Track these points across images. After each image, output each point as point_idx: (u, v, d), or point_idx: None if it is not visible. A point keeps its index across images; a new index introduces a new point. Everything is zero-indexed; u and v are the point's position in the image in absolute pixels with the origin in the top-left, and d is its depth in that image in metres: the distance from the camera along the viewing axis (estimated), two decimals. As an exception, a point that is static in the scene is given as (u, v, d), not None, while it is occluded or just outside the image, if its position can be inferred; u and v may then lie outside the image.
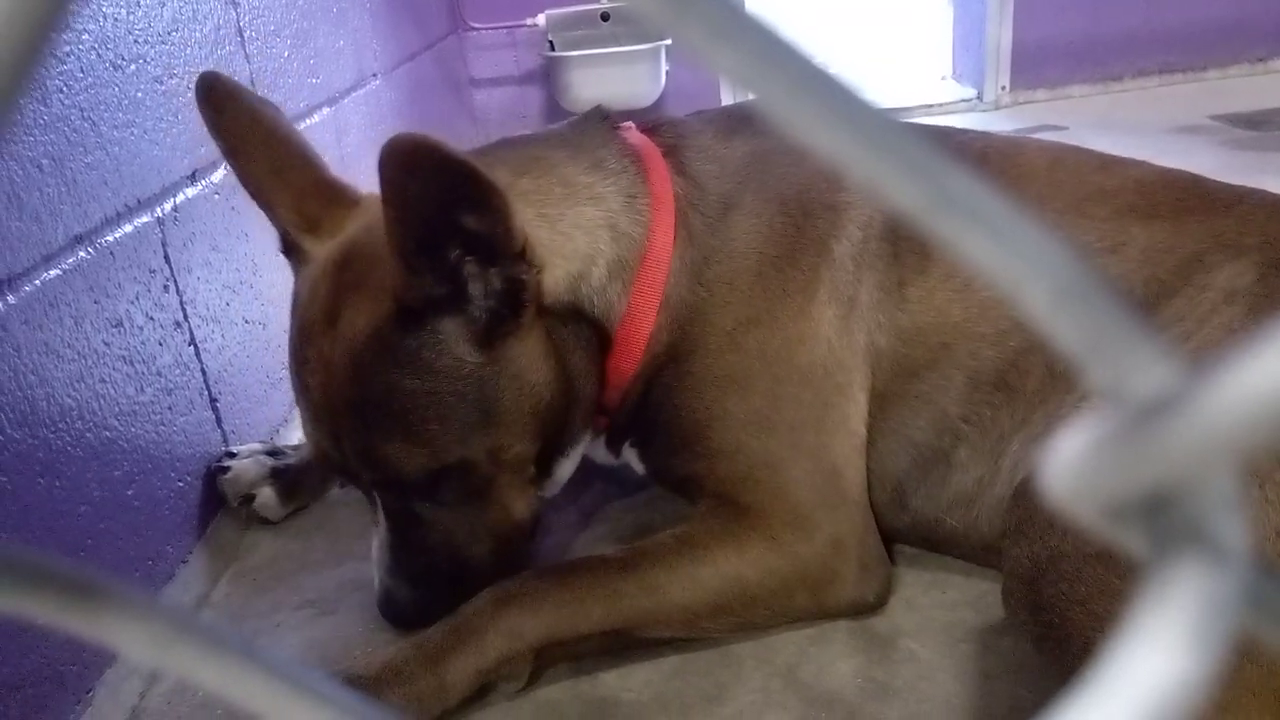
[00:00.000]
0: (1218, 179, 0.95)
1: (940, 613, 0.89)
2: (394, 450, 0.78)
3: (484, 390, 0.78)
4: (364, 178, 1.77)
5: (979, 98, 3.01)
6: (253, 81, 1.27)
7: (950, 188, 0.12)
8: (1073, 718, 0.13)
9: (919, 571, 0.94)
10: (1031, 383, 0.85)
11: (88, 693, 0.82)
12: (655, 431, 0.93)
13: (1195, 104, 2.74)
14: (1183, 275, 0.83)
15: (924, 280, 0.90)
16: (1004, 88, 3.00)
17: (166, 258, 1.00)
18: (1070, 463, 0.13)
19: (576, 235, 0.86)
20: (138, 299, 0.94)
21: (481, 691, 0.82)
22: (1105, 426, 0.13)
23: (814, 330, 0.89)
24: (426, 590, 0.85)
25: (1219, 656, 0.13)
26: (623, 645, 0.85)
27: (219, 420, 1.10)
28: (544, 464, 0.88)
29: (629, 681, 0.84)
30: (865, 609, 0.88)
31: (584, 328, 0.87)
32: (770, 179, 0.92)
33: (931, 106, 3.00)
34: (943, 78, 3.26)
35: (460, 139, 3.01)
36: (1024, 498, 0.75)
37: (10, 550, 0.15)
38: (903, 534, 0.95)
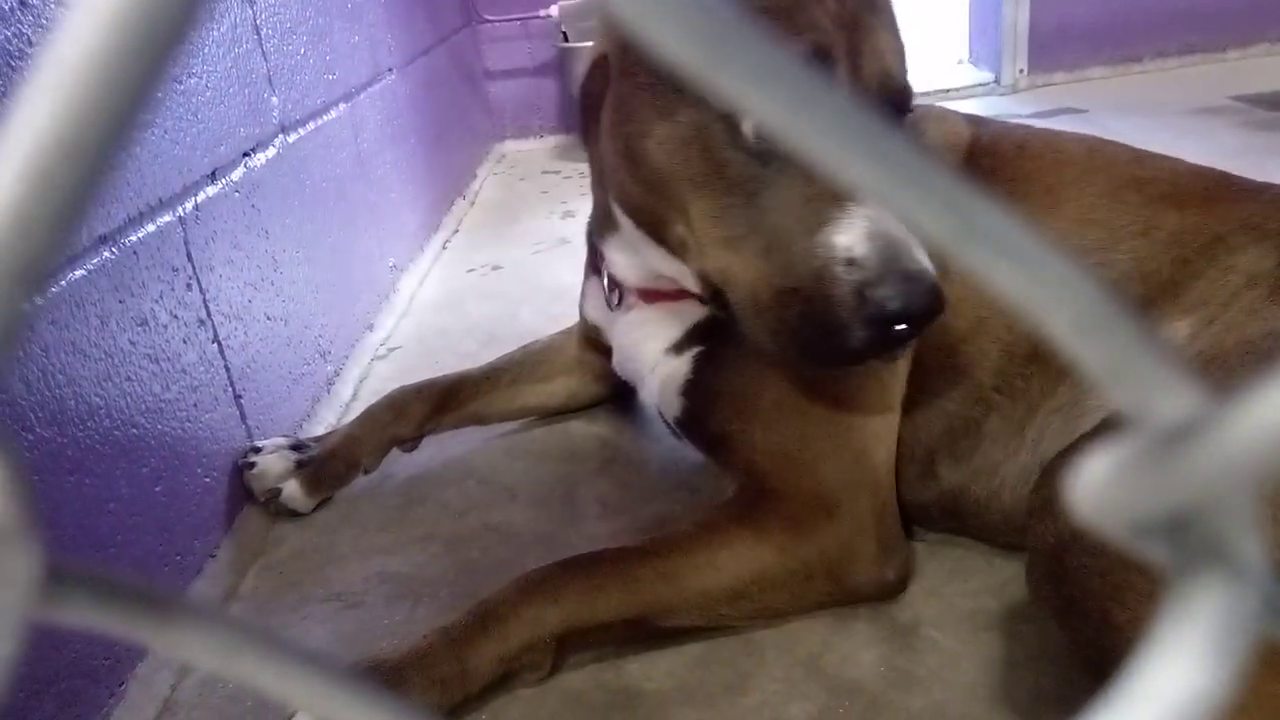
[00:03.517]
0: (1239, 160, 0.96)
1: (962, 601, 0.89)
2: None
3: None
4: (382, 172, 1.78)
5: (996, 81, 2.99)
6: (270, 79, 1.28)
7: (977, 220, 0.12)
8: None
9: (941, 560, 0.94)
10: (1063, 356, 0.86)
11: (120, 686, 0.83)
12: (709, 377, 0.94)
13: (1216, 85, 2.71)
14: (1208, 257, 0.85)
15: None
16: (1021, 71, 2.98)
17: (189, 256, 1.01)
18: (1096, 483, 0.14)
19: None
20: (162, 298, 0.95)
21: (506, 682, 0.82)
22: (1129, 449, 0.13)
23: None
24: None
25: (1238, 669, 0.13)
26: (644, 636, 0.86)
27: (243, 416, 1.11)
28: None
29: (652, 671, 0.84)
30: (886, 590, 0.89)
31: None
32: None
33: (948, 91, 2.98)
34: (959, 62, 3.24)
35: (475, 132, 3.00)
36: (1049, 477, 0.76)
37: (84, 567, 0.15)
38: (929, 507, 0.95)
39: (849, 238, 0.71)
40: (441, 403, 1.21)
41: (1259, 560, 0.14)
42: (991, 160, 0.95)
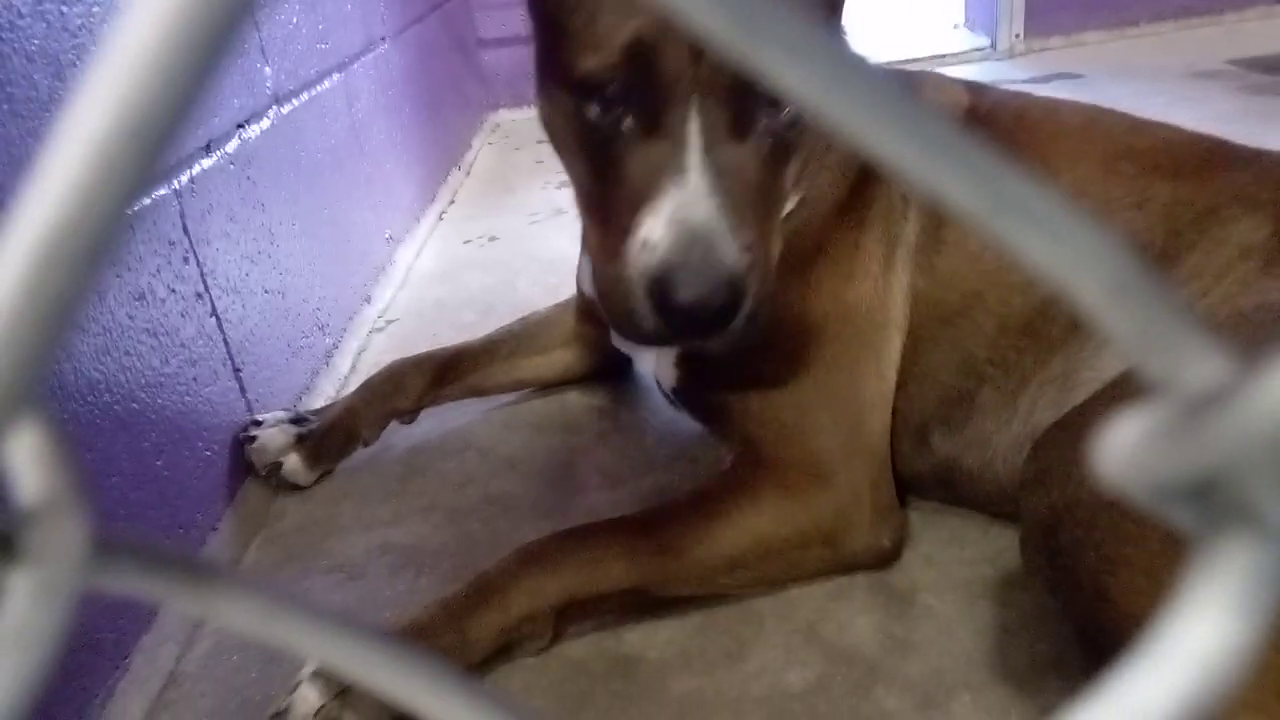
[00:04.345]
0: (1235, 124, 0.96)
1: (958, 569, 0.90)
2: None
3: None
4: (377, 142, 1.76)
5: (992, 46, 2.97)
6: (263, 49, 1.27)
7: (1007, 190, 0.13)
8: (1128, 682, 0.14)
9: (937, 529, 0.95)
10: (1055, 329, 0.88)
11: (125, 659, 0.84)
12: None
13: (1212, 48, 2.70)
14: (1201, 229, 0.85)
15: (958, 224, 0.92)
16: (1018, 36, 2.96)
17: (185, 230, 1.01)
18: (1123, 446, 0.14)
19: None
20: (159, 271, 0.95)
21: (507, 652, 0.84)
22: (1158, 414, 0.14)
23: (864, 266, 0.92)
24: (735, 241, 0.71)
25: (1264, 626, 0.13)
26: (644, 606, 0.87)
27: (243, 389, 1.11)
28: None
29: (653, 639, 0.85)
30: (882, 557, 0.90)
31: None
32: None
33: (944, 56, 2.96)
34: (955, 26, 3.22)
35: (470, 101, 2.97)
36: (1043, 449, 0.76)
37: (127, 537, 0.16)
38: (922, 477, 0.96)
39: (651, 222, 0.69)
40: (440, 375, 1.21)
41: None
42: (989, 129, 0.95)
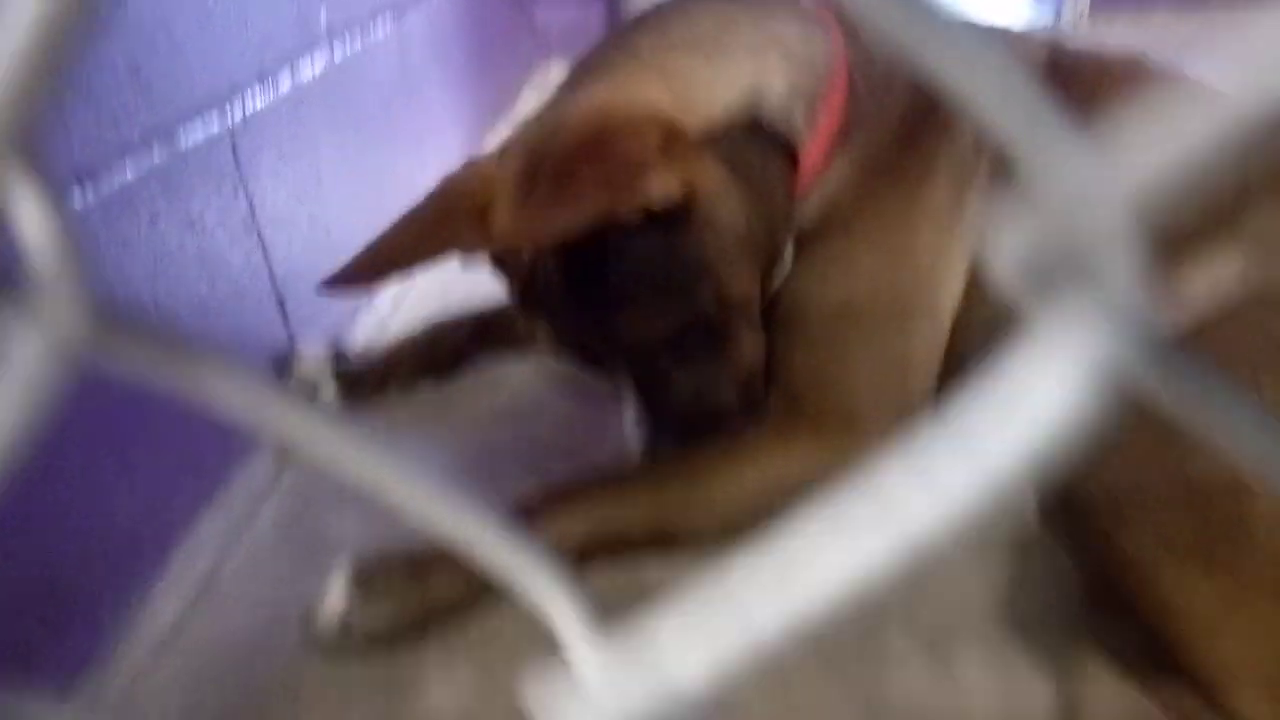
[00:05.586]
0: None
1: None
2: (639, 324, 0.84)
3: (688, 249, 0.82)
4: (427, 89, 1.77)
5: (1057, 21, 2.91)
6: (319, -9, 1.29)
7: (936, 24, 0.13)
8: (977, 425, 0.15)
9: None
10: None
11: (163, 561, 0.88)
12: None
13: (1286, 31, 2.61)
14: (1271, 188, 0.79)
15: (1007, 181, 0.90)
16: (1083, 13, 2.89)
17: (236, 163, 1.04)
18: (1004, 240, 0.15)
19: (740, 56, 0.87)
20: (209, 201, 0.98)
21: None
22: (1029, 203, 0.14)
23: (929, 213, 0.90)
24: (684, 440, 0.89)
25: (1107, 393, 0.14)
26: (664, 550, 0.87)
27: (286, 320, 1.14)
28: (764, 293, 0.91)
29: (672, 572, 0.87)
30: None
31: (768, 145, 0.87)
32: None
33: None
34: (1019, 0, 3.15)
35: (520, 54, 2.95)
36: None
37: (152, 324, 0.17)
38: None
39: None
40: (479, 333, 1.23)
41: (1134, 294, 0.14)
42: (1070, 83, 0.91)
